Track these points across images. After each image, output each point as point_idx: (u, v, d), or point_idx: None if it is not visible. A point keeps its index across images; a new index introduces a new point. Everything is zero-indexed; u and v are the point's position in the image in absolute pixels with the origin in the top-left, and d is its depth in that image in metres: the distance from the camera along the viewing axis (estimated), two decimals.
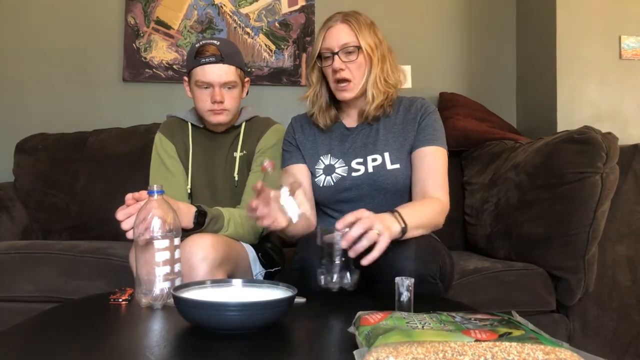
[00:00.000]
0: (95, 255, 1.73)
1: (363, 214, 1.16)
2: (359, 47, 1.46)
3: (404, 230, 1.22)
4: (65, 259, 1.72)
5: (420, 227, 1.29)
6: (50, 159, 2.31)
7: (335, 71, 1.46)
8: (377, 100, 1.49)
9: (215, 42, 1.58)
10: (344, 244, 1.11)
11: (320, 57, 1.51)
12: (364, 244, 1.12)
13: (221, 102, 1.58)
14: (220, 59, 1.56)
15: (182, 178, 1.67)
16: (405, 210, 1.26)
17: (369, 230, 1.13)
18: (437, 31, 2.68)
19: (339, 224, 1.13)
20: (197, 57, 1.57)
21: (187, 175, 1.68)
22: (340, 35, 1.46)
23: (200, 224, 1.42)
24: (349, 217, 1.15)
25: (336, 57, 1.45)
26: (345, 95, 1.49)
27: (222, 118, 1.61)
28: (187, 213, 1.39)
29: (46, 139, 2.37)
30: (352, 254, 1.12)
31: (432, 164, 1.45)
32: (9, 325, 0.98)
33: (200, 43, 1.58)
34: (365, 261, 1.12)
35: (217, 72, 1.56)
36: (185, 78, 1.66)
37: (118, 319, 1.07)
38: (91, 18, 2.57)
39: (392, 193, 1.48)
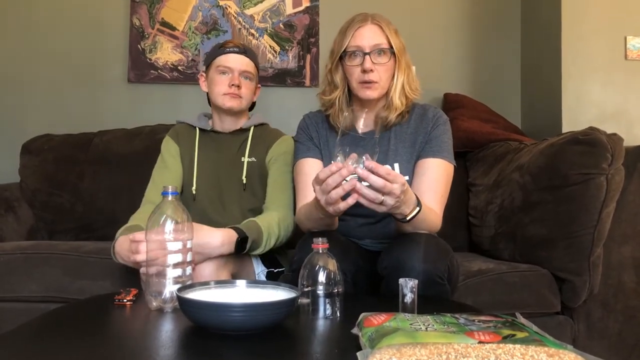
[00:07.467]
0: (100, 255, 1.74)
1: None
2: (391, 50, 1.44)
3: (404, 220, 1.23)
4: (70, 259, 1.72)
5: (420, 227, 1.30)
6: (55, 160, 2.32)
7: (365, 71, 1.43)
8: (401, 108, 1.47)
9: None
10: (367, 164, 1.10)
11: (342, 56, 1.47)
12: (378, 183, 1.10)
13: (238, 87, 1.67)
14: (243, 51, 1.71)
15: (177, 174, 1.71)
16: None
17: (387, 187, 1.11)
18: (442, 31, 2.68)
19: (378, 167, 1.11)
20: (221, 48, 1.71)
21: (192, 176, 1.70)
22: (372, 36, 1.44)
23: (243, 248, 1.43)
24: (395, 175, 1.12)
25: (367, 57, 1.43)
26: (370, 93, 1.45)
27: (236, 103, 1.69)
28: (228, 239, 1.39)
29: (51, 140, 2.38)
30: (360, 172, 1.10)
31: (433, 177, 1.43)
32: (13, 325, 0.99)
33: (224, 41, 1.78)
34: (350, 200, 1.13)
35: (239, 61, 1.69)
36: (203, 73, 1.77)
37: (123, 319, 1.07)
38: (96, 19, 2.58)
39: None
